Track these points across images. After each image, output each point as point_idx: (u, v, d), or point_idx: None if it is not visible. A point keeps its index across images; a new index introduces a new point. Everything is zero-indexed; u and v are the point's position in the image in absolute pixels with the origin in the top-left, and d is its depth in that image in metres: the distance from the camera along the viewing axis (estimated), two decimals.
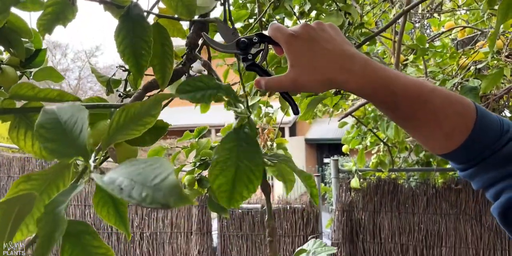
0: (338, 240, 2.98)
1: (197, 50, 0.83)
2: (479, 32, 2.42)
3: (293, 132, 12.76)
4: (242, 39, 0.61)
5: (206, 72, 0.81)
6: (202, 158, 1.50)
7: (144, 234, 3.34)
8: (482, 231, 2.80)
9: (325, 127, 12.59)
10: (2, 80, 0.87)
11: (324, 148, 13.47)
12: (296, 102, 0.63)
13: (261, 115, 2.53)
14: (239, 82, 1.82)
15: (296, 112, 0.62)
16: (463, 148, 0.58)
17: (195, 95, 0.55)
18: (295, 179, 0.78)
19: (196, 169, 1.45)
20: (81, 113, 0.38)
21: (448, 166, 2.99)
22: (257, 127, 2.51)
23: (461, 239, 2.83)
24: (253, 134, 0.58)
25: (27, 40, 0.90)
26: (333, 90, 0.95)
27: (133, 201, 0.29)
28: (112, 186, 0.31)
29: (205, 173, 1.47)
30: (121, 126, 0.41)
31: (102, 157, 0.52)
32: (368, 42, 1.44)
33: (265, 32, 0.63)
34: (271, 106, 2.47)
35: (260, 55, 0.63)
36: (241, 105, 0.61)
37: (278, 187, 10.51)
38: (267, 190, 0.59)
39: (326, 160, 11.76)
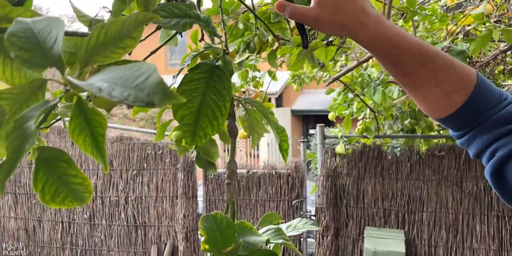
0: (322, 204, 3.03)
1: None
2: None
3: (279, 103, 12.74)
4: None
5: None
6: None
7: (129, 198, 3.34)
8: (462, 197, 2.87)
9: (312, 99, 12.59)
10: None
11: (310, 120, 13.51)
12: (307, 37, 0.63)
13: (248, 79, 2.49)
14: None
15: (305, 46, 0.64)
16: (461, 111, 0.60)
17: (169, 21, 0.52)
18: (263, 131, 0.76)
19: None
20: (56, 23, 0.35)
21: (433, 133, 3.02)
22: (243, 90, 2.47)
23: (442, 204, 2.90)
24: (226, 70, 0.55)
25: None
26: (325, 41, 0.92)
27: (114, 99, 0.27)
28: (90, 87, 0.28)
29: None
30: (101, 45, 0.38)
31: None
32: None
33: None
34: (259, 70, 2.43)
35: None
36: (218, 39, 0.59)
37: (263, 152, 10.59)
38: (233, 131, 0.57)
39: (311, 131, 11.84)
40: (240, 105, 0.69)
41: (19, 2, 0.95)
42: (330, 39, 0.90)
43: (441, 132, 3.02)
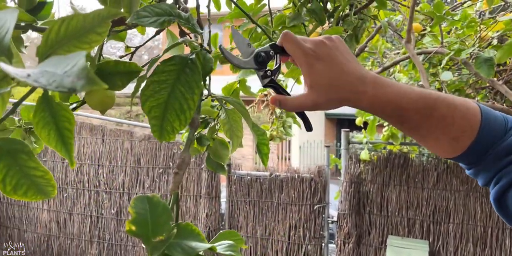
0: (345, 211, 2.98)
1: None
2: (503, 3, 2.30)
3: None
4: (260, 53, 0.60)
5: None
6: (201, 116, 1.49)
7: None
8: (491, 209, 2.75)
9: None
10: None
11: (344, 123, 13.33)
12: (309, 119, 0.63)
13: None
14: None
15: (309, 129, 0.63)
16: (470, 150, 0.60)
17: (148, 20, 0.53)
18: (242, 135, 0.75)
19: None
20: (11, 15, 0.37)
21: None
22: (265, 93, 2.48)
23: (470, 216, 2.79)
24: (202, 66, 0.56)
25: None
26: None
27: (37, 85, 0.28)
28: (20, 73, 0.30)
29: (205, 131, 1.47)
30: (62, 39, 0.40)
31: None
32: (377, 5, 1.38)
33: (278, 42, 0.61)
34: (282, 73, 2.43)
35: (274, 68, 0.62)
36: (198, 36, 0.60)
37: (295, 155, 10.52)
38: (194, 123, 0.57)
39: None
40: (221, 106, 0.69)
41: (38, 6, 0.99)
42: None
43: None
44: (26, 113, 0.87)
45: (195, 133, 1.52)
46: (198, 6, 0.85)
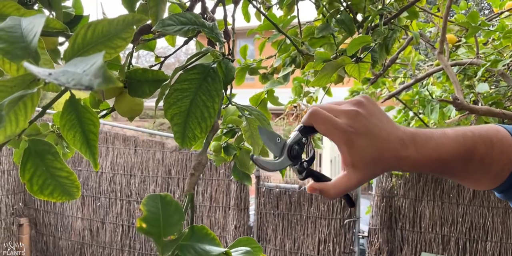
0: (376, 226, 2.91)
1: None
2: None
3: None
4: (293, 147, 0.54)
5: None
6: (229, 125, 1.50)
7: None
8: None
9: None
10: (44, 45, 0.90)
11: None
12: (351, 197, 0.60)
13: (301, 94, 2.49)
14: (274, 55, 1.80)
15: (351, 206, 0.60)
16: (508, 180, 0.58)
17: (173, 28, 0.54)
18: (262, 143, 0.73)
19: (223, 136, 1.46)
20: (39, 20, 0.39)
21: None
22: (295, 105, 2.47)
23: (509, 234, 2.67)
24: (224, 74, 0.56)
25: (69, 5, 0.92)
26: (354, 58, 0.91)
27: (57, 82, 0.29)
28: (42, 72, 0.31)
29: (232, 140, 1.48)
30: (88, 44, 0.41)
31: None
32: (408, 15, 1.36)
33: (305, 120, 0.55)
34: (308, 81, 2.42)
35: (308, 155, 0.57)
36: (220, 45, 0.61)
37: (326, 169, 10.40)
38: (214, 126, 0.58)
39: None
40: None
41: (75, 19, 1.03)
42: (361, 55, 0.89)
43: None
44: (58, 118, 0.91)
45: (223, 142, 1.52)
46: (225, 16, 0.87)
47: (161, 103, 0.59)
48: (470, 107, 1.47)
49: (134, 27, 0.49)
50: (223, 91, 0.62)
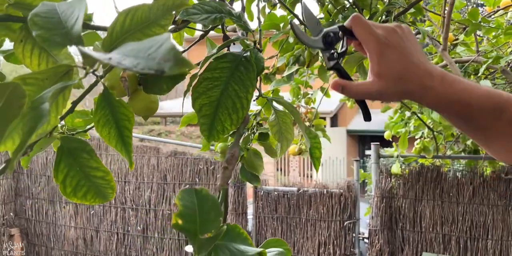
0: (376, 227, 2.89)
1: None
2: None
3: (334, 123, 12.55)
4: (329, 33, 0.57)
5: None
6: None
7: None
8: None
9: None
10: None
11: (366, 140, 13.16)
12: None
13: (299, 96, 2.47)
14: (276, 55, 1.77)
15: (368, 119, 0.61)
16: None
17: (199, 16, 0.51)
18: (293, 137, 0.71)
19: (229, 137, 1.43)
20: (79, 3, 0.36)
21: None
22: (294, 106, 2.45)
23: (509, 232, 2.67)
24: (254, 64, 0.53)
25: None
26: None
27: (121, 66, 0.26)
28: (102, 56, 0.28)
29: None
30: (127, 31, 0.38)
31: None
32: (413, 10, 1.35)
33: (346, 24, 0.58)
34: (311, 87, 2.40)
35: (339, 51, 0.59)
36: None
37: (319, 169, 10.37)
38: (246, 120, 0.55)
39: (367, 152, 11.53)
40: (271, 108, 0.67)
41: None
42: None
43: None
44: (69, 118, 0.86)
45: (231, 143, 1.48)
46: (243, 8, 0.84)
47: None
48: None
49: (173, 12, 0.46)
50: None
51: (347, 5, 1.35)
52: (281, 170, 10.04)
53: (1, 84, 0.28)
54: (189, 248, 0.49)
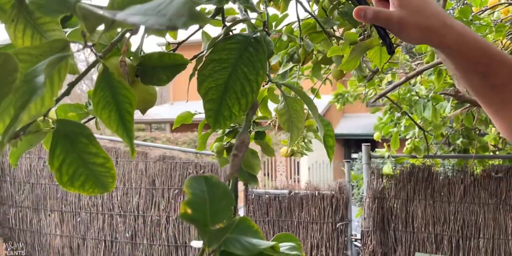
0: (369, 228, 2.88)
1: None
2: None
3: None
4: None
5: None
6: (231, 124, 1.43)
7: (170, 218, 3.32)
8: None
9: (354, 123, 12.38)
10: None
11: (352, 144, 13.25)
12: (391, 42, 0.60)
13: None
14: None
15: (391, 52, 0.61)
16: None
17: None
18: (303, 126, 0.67)
19: (225, 136, 1.39)
20: None
21: (488, 154, 2.84)
22: None
23: (501, 230, 2.68)
24: (265, 44, 0.50)
25: None
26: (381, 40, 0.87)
27: (129, 23, 0.23)
28: (109, 13, 0.25)
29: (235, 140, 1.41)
30: (129, 2, 0.35)
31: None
32: None
33: None
34: (301, 88, 2.38)
35: None
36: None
37: (304, 176, 10.40)
38: (254, 105, 0.52)
39: (354, 156, 11.59)
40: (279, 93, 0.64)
41: (65, 19, 0.94)
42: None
43: (497, 152, 2.83)
44: (62, 112, 0.82)
45: (226, 142, 1.44)
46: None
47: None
48: (472, 99, 1.46)
49: None
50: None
51: (343, 1, 1.33)
52: (268, 174, 10.01)
53: None
54: (196, 243, 0.45)
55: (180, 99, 13.42)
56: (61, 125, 0.45)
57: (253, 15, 0.74)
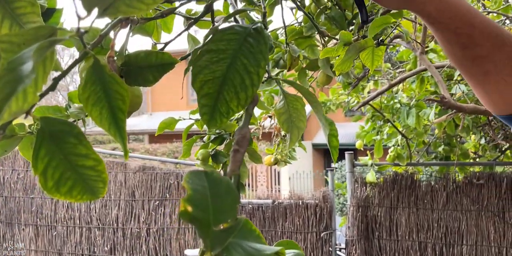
0: (353, 237, 2.86)
1: None
2: (504, 18, 2.32)
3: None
4: None
5: None
6: (217, 131, 1.40)
7: (151, 230, 3.23)
8: (505, 229, 2.67)
9: None
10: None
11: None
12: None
13: (273, 105, 2.43)
14: None
15: (365, 20, 0.61)
16: None
17: None
18: (304, 126, 0.62)
19: (210, 143, 1.35)
20: None
21: (469, 160, 2.87)
22: (270, 115, 2.41)
23: (483, 237, 2.70)
24: (266, 35, 0.47)
25: None
26: (376, 41, 0.85)
27: None
28: None
29: (221, 147, 1.37)
30: None
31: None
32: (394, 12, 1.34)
33: None
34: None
35: None
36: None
37: (285, 186, 10.37)
38: (255, 98, 0.47)
39: (333, 165, 11.63)
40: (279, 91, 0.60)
41: (47, 13, 0.89)
42: (381, 38, 0.83)
43: (477, 159, 2.87)
44: (40, 114, 0.77)
45: (211, 149, 1.40)
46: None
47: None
48: (458, 105, 1.47)
49: None
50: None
51: (330, 6, 1.32)
52: (249, 185, 9.94)
53: None
54: (190, 252, 0.41)
55: (159, 110, 13.27)
56: (46, 124, 0.41)
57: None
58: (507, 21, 2.31)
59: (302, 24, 1.49)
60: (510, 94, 0.54)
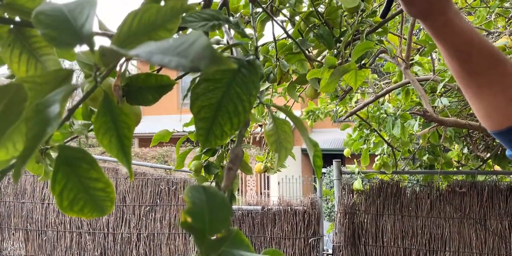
0: (340, 243, 2.92)
1: None
2: (485, 33, 2.41)
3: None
4: None
5: None
6: None
7: (141, 235, 3.27)
8: (486, 236, 2.76)
9: (322, 138, 12.56)
10: None
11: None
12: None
13: (263, 114, 2.49)
14: None
15: (384, 14, 0.68)
16: None
17: (197, 24, 0.51)
18: (292, 147, 0.69)
19: (203, 154, 1.41)
20: (88, 2, 0.35)
21: (452, 169, 2.95)
22: (260, 124, 2.47)
23: (465, 244, 2.78)
24: (258, 66, 0.53)
25: None
26: (358, 64, 0.92)
27: (153, 62, 0.26)
28: (130, 53, 0.27)
29: (213, 159, 1.43)
30: (134, 34, 0.37)
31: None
32: (380, 30, 1.42)
33: None
34: (274, 105, 2.43)
35: None
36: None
37: (274, 191, 10.42)
38: (247, 122, 0.54)
39: (322, 170, 11.72)
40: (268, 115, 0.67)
41: None
42: (363, 62, 0.90)
43: (460, 168, 2.96)
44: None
45: (204, 161, 1.46)
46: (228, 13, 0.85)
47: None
48: (439, 119, 1.54)
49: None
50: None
51: (318, 24, 1.39)
52: (238, 190, 9.98)
53: (3, 86, 0.27)
54: None
55: (150, 114, 13.28)
56: (62, 151, 0.47)
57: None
58: (490, 36, 2.40)
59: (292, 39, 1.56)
60: (500, 110, 0.61)
